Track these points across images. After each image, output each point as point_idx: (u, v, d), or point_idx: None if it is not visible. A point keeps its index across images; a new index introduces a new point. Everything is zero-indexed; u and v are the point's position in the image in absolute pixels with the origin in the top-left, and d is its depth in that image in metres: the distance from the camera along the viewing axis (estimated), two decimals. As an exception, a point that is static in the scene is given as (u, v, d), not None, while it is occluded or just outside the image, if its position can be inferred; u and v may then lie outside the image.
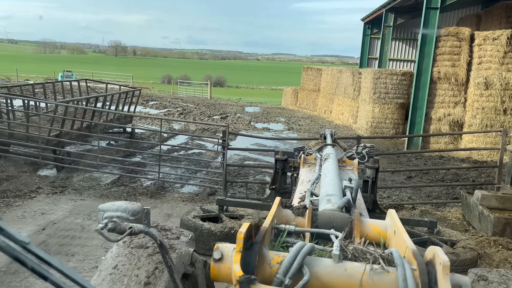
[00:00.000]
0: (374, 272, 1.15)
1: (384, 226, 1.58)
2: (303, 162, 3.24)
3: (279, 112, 22.01)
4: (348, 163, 3.35)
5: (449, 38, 12.30)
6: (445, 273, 1.07)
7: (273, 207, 1.57)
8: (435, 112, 12.87)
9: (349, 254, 1.24)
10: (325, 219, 1.58)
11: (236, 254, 1.14)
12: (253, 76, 79.77)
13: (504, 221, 5.52)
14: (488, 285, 2.16)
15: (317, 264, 1.20)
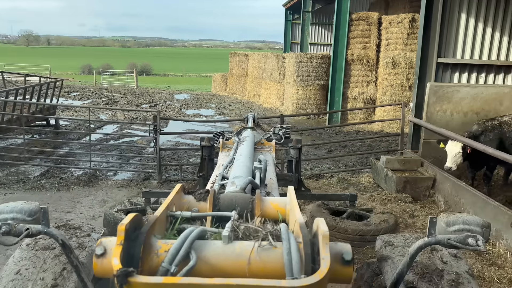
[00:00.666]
0: (262, 248, 1.16)
1: (283, 203, 1.60)
2: (222, 147, 3.23)
3: (209, 98, 22.28)
4: (266, 144, 3.42)
5: (360, 22, 13.45)
6: (324, 242, 1.11)
7: (170, 194, 1.54)
8: (351, 91, 14.07)
9: (240, 234, 1.24)
10: (227, 202, 1.57)
11: (116, 248, 1.10)
12: (180, 63, 78.22)
13: (404, 180, 6.52)
14: (394, 249, 2.35)
15: (206, 248, 1.18)
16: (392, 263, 2.23)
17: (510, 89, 7.59)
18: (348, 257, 1.17)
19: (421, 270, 2.13)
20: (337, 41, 13.64)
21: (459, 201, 5.81)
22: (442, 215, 1.68)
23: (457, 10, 7.44)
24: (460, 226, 1.57)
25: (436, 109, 7.46)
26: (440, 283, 2.05)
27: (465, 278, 2.08)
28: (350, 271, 1.17)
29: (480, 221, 1.60)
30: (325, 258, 1.07)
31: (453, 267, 2.16)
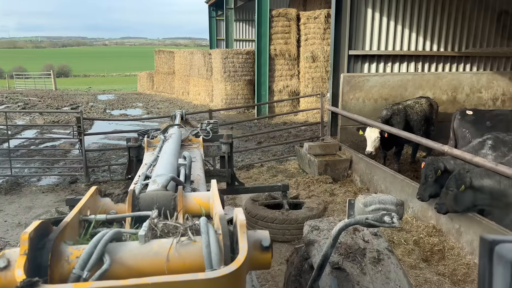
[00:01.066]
0: (181, 244, 1.14)
1: (207, 197, 1.58)
2: (147, 146, 3.11)
3: (135, 98, 21.73)
4: (194, 141, 3.36)
5: (280, 18, 14.04)
6: (242, 232, 1.12)
7: (84, 197, 1.47)
8: (276, 85, 14.65)
9: (158, 232, 1.21)
10: (147, 201, 1.51)
11: (20, 258, 1.04)
12: (102, 63, 74.92)
13: (325, 163, 7.08)
14: (320, 233, 2.45)
15: (122, 250, 1.14)
16: (319, 247, 2.32)
17: (412, 76, 8.52)
18: (266, 244, 1.18)
19: (345, 250, 2.24)
20: (259, 37, 14.11)
21: (372, 178, 6.48)
22: (359, 196, 1.75)
23: (364, 6, 8.17)
24: (377, 205, 1.64)
25: (350, 97, 8.15)
26: (363, 261, 2.18)
27: (385, 254, 2.23)
28: (269, 257, 1.19)
29: (394, 200, 1.68)
30: (243, 246, 1.08)
31: (374, 245, 2.29)
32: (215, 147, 4.13)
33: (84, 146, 7.44)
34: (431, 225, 4.98)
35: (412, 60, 8.69)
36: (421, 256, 4.41)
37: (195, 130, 3.78)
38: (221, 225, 1.17)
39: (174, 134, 3.09)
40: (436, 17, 8.62)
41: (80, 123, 7.25)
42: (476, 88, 8.78)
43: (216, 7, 23.42)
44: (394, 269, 2.17)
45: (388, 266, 2.18)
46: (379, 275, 2.13)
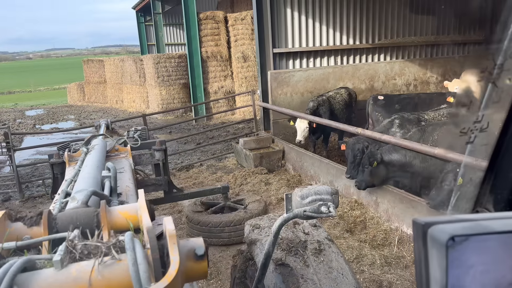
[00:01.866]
0: (104, 265, 1.05)
1: (134, 209, 1.46)
2: (69, 161, 2.87)
3: (67, 110, 20.92)
4: (121, 150, 3.17)
5: (208, 21, 14.32)
6: (172, 242, 1.05)
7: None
8: (211, 86, 14.92)
9: (77, 254, 1.11)
10: (66, 221, 1.38)
11: None
12: (27, 77, 70.34)
13: (260, 156, 7.49)
14: (261, 231, 2.44)
15: (35, 279, 1.04)
16: (261, 245, 2.31)
17: (333, 69, 9.21)
18: (200, 252, 1.12)
19: (287, 245, 2.24)
20: (190, 40, 14.29)
21: (303, 165, 7.00)
22: (296, 190, 1.74)
23: (283, 6, 8.70)
24: (313, 197, 1.64)
25: (278, 92, 8.65)
26: (305, 254, 2.20)
27: (325, 244, 2.27)
28: (205, 265, 1.12)
29: (329, 189, 1.69)
30: (174, 259, 1.02)
31: (314, 236, 2.32)
32: (148, 155, 3.96)
33: (15, 162, 7.23)
34: (353, 200, 5.55)
35: (331, 54, 9.39)
36: (345, 227, 4.95)
37: (121, 139, 3.54)
38: (149, 238, 1.08)
39: (98, 145, 2.91)
40: (350, 13, 9.39)
41: (8, 138, 7.04)
42: (391, 75, 9.68)
43: (144, 12, 23.16)
44: (336, 258, 2.22)
45: (329, 255, 2.23)
46: (322, 265, 2.17)
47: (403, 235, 4.70)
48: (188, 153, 9.82)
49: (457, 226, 0.57)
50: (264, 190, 6.32)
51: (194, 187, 7.36)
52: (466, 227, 0.57)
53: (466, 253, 0.55)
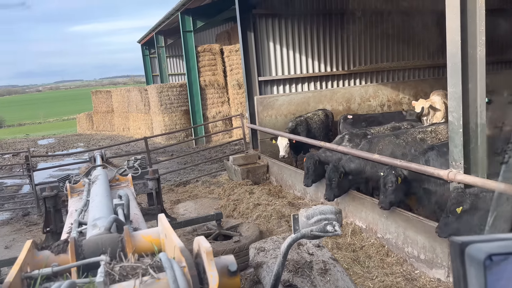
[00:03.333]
0: (145, 285, 1.09)
1: (156, 233, 1.54)
2: (71, 192, 2.95)
3: (76, 139, 22.24)
4: (122, 180, 3.23)
5: (206, 53, 15.70)
6: (209, 259, 1.10)
7: (21, 253, 1.39)
8: (209, 112, 16.16)
9: (116, 276, 1.16)
10: (92, 247, 1.46)
11: None
12: (37, 109, 72.56)
13: (247, 170, 8.57)
14: (266, 254, 2.44)
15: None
16: (267, 268, 2.33)
17: (312, 93, 10.38)
18: (233, 268, 1.17)
19: (293, 266, 2.27)
20: (189, 70, 15.64)
21: (283, 176, 8.05)
22: (301, 210, 1.77)
23: (266, 40, 9.97)
24: (318, 217, 1.68)
25: (264, 115, 9.80)
26: (311, 274, 2.22)
27: (330, 263, 2.32)
28: (238, 281, 1.17)
29: (333, 209, 1.74)
30: (213, 274, 1.07)
31: (319, 256, 2.37)
32: (141, 184, 4.01)
33: (34, 181, 8.36)
34: (320, 202, 6.57)
35: (311, 80, 10.58)
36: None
37: (121, 168, 3.62)
38: (184, 256, 1.14)
39: (100, 175, 2.96)
40: (327, 44, 10.63)
41: (28, 160, 8.20)
42: (365, 97, 10.81)
43: (148, 45, 24.80)
44: (341, 277, 2.24)
45: (335, 274, 2.25)
46: (328, 285, 2.18)
47: (356, 227, 5.69)
48: (187, 172, 10.90)
49: (495, 245, 0.57)
50: (248, 198, 7.35)
51: (189, 199, 8.42)
52: (504, 246, 0.57)
53: (505, 271, 0.55)
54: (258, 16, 9.81)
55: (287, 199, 7.20)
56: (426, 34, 11.21)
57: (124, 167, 3.69)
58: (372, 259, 4.90)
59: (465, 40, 4.02)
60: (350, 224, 5.80)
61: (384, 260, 4.86)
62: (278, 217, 6.13)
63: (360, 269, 4.65)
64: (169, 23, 18.07)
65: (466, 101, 4.11)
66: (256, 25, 9.76)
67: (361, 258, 4.93)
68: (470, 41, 4.03)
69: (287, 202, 6.99)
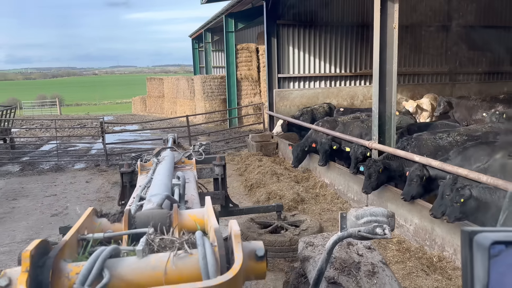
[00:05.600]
0: (178, 257, 1.19)
1: (201, 214, 1.63)
2: (141, 169, 3.20)
3: (131, 118, 25.77)
4: (187, 163, 3.40)
5: (243, 51, 18.38)
6: (237, 241, 1.18)
7: (81, 217, 1.52)
8: (243, 101, 18.86)
9: (155, 247, 1.27)
10: (143, 220, 1.56)
11: (22, 275, 1.07)
12: (93, 92, 77.30)
13: (260, 145, 11.17)
14: (314, 249, 2.52)
15: (120, 265, 1.19)
16: (314, 262, 2.36)
17: (321, 90, 12.76)
18: (260, 253, 1.23)
19: (340, 265, 2.29)
20: (228, 65, 18.39)
21: (285, 151, 10.59)
22: (351, 210, 1.77)
23: (286, 44, 12.46)
24: (368, 218, 1.68)
25: (280, 105, 12.33)
26: (358, 275, 2.23)
27: (379, 267, 2.30)
28: (264, 266, 1.23)
29: (385, 212, 1.72)
30: (238, 256, 1.13)
31: (368, 258, 2.36)
32: (208, 170, 4.21)
33: (105, 141, 11.45)
34: (305, 168, 9.05)
35: (322, 79, 12.96)
36: (294, 180, 8.45)
37: (187, 152, 3.78)
38: (216, 237, 1.22)
39: (167, 156, 3.16)
40: (337, 50, 12.93)
41: (103, 126, 11.29)
42: (367, 96, 13.02)
43: (198, 40, 27.89)
44: (389, 281, 2.23)
45: (383, 278, 2.23)
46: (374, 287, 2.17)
47: (332, 190, 8.14)
48: (218, 146, 13.67)
49: (500, 234, 0.64)
50: (256, 163, 9.94)
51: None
52: (508, 235, 0.64)
53: (507, 256, 0.62)
54: (281, 25, 12.31)
55: (284, 165, 9.75)
56: (425, 44, 13.24)
57: (190, 151, 3.85)
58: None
59: (383, 58, 6.38)
60: (330, 185, 8.25)
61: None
62: (271, 174, 8.69)
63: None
64: (215, 23, 20.90)
65: (383, 98, 6.48)
66: (279, 32, 12.27)
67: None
68: (388, 59, 6.39)
69: (284, 167, 9.54)
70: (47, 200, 8.33)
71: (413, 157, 5.65)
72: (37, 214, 7.53)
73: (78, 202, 8.13)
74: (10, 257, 5.64)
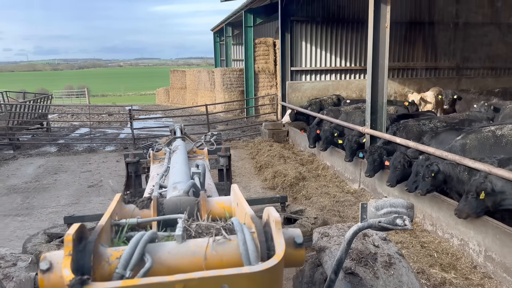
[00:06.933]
0: (217, 243, 1.18)
1: (228, 201, 1.65)
2: (153, 159, 3.16)
3: (155, 107, 27.16)
4: (199, 152, 3.38)
5: (261, 45, 19.32)
6: (277, 228, 1.16)
7: (112, 204, 1.52)
8: (260, 93, 19.85)
9: (192, 232, 1.27)
10: (171, 206, 1.58)
11: (66, 259, 1.08)
12: (118, 83, 79.04)
13: (272, 132, 12.18)
14: (330, 240, 2.52)
15: (161, 250, 1.19)
16: (330, 253, 2.38)
17: (332, 82, 13.62)
18: (299, 240, 1.22)
19: (357, 255, 2.30)
20: (247, 58, 19.38)
21: (295, 138, 11.55)
22: (371, 201, 1.79)
23: (299, 40, 13.36)
24: (388, 209, 1.68)
25: (292, 96, 13.27)
26: (375, 266, 2.25)
27: (396, 258, 2.32)
28: (303, 253, 1.22)
29: (405, 203, 1.73)
30: (281, 242, 1.12)
31: (385, 249, 2.38)
32: (213, 160, 4.14)
33: (133, 126, 12.68)
34: (311, 153, 10.01)
35: (332, 72, 13.82)
36: (299, 163, 9.44)
37: (198, 142, 3.74)
38: (254, 223, 1.22)
39: (180, 146, 3.13)
40: (347, 45, 13.74)
41: (131, 113, 12.52)
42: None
43: (219, 34, 28.95)
44: (406, 273, 2.23)
45: (400, 269, 2.24)
46: (391, 278, 2.19)
47: (332, 171, 9.09)
48: (235, 134, 14.75)
49: None
50: (267, 148, 10.95)
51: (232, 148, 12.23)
52: None
53: None
54: (295, 21, 13.22)
55: (293, 150, 10.73)
56: (431, 41, 13.89)
57: (201, 141, 3.84)
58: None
59: (376, 54, 7.25)
60: (328, 166, 9.21)
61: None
62: (279, 157, 9.69)
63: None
64: (235, 18, 21.88)
65: (375, 89, 7.37)
66: (292, 28, 13.18)
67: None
68: (380, 55, 7.26)
69: (292, 152, 10.53)
70: (83, 175, 9.59)
71: (395, 139, 6.56)
72: (76, 185, 8.78)
73: (111, 177, 9.36)
74: (58, 216, 6.85)
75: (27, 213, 7.09)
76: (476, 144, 5.28)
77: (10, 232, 6.30)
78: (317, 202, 6.59)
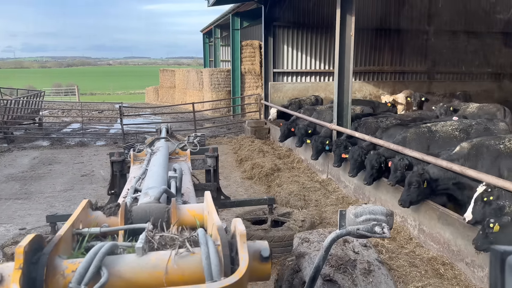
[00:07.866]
0: (180, 256, 1.14)
1: (201, 209, 1.59)
2: (133, 159, 3.08)
3: (145, 105, 27.81)
4: (181, 154, 3.34)
5: (247, 47, 20.18)
6: (242, 241, 1.13)
7: (75, 211, 1.46)
8: (246, 92, 20.70)
9: (155, 244, 1.22)
10: (140, 214, 1.51)
11: (15, 272, 1.03)
12: (107, 81, 78.70)
13: (254, 129, 13.05)
14: (310, 245, 2.52)
15: (119, 263, 1.14)
16: (309, 259, 2.38)
17: (311, 83, 14.54)
18: (265, 254, 1.19)
19: (336, 262, 2.29)
20: (234, 60, 20.22)
21: (276, 135, 12.43)
22: (350, 207, 1.75)
23: (281, 43, 14.25)
24: (367, 216, 1.67)
25: (274, 96, 14.15)
26: (354, 273, 2.23)
27: (375, 265, 2.31)
28: (268, 267, 1.19)
29: (384, 210, 1.71)
30: (244, 256, 1.09)
31: (364, 256, 2.38)
32: (200, 161, 4.15)
33: (123, 122, 13.42)
34: (288, 148, 10.88)
35: (312, 74, 14.74)
36: (276, 156, 10.30)
37: (182, 143, 3.72)
38: (220, 235, 1.17)
39: (162, 147, 3.10)
40: (327, 49, 14.67)
41: (121, 109, 13.26)
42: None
43: (208, 35, 29.75)
44: (385, 280, 2.23)
45: (379, 277, 2.23)
46: (370, 286, 2.17)
47: (305, 164, 9.97)
48: (220, 132, 15.57)
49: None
50: (249, 143, 11.80)
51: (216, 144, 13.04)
52: None
53: None
54: (277, 26, 14.11)
55: (272, 146, 11.61)
56: (403, 46, 14.91)
57: (184, 142, 3.80)
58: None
59: (342, 59, 8.16)
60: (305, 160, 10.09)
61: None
62: (258, 151, 10.55)
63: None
64: (224, 21, 22.72)
65: (342, 90, 8.27)
66: (275, 32, 14.07)
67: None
68: (346, 59, 8.16)
69: (271, 147, 11.40)
70: (76, 166, 10.33)
71: (354, 134, 7.47)
72: (70, 174, 9.52)
73: (102, 168, 10.11)
74: (55, 200, 7.61)
75: (26, 197, 7.83)
76: (415, 138, 6.21)
77: (12, 211, 7.04)
78: (286, 188, 7.45)
